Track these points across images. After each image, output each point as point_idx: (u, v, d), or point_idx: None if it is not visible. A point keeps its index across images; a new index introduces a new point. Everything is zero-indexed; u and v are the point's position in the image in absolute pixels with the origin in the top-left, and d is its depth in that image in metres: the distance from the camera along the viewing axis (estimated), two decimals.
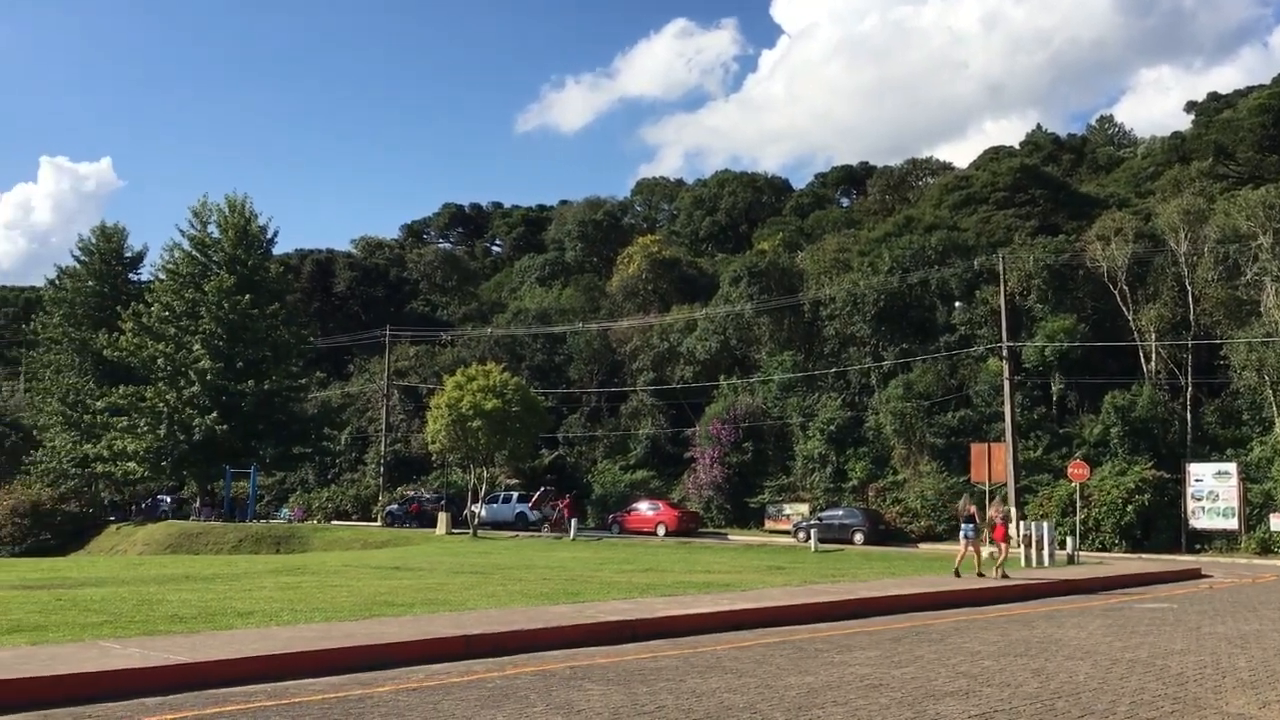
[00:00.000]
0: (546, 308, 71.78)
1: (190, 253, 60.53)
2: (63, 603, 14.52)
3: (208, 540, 48.45)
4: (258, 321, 57.69)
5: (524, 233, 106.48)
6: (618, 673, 10.11)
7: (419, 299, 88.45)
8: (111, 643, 10.54)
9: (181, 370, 56.35)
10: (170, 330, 57.82)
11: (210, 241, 60.43)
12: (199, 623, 12.49)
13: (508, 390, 46.89)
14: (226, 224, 60.17)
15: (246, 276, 58.76)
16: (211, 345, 56.63)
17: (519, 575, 21.57)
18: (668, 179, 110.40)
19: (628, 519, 49.93)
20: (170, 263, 60.93)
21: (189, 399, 55.77)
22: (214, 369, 55.89)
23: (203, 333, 56.85)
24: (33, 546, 52.41)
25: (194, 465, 57.74)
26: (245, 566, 24.63)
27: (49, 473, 61.27)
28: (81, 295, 67.42)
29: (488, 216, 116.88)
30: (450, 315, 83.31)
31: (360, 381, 72.02)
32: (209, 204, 60.99)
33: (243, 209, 60.76)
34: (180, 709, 8.15)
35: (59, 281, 70.63)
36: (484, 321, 74.62)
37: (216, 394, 55.95)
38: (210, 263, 59.84)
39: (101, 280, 68.30)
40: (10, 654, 9.74)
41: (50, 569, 24.06)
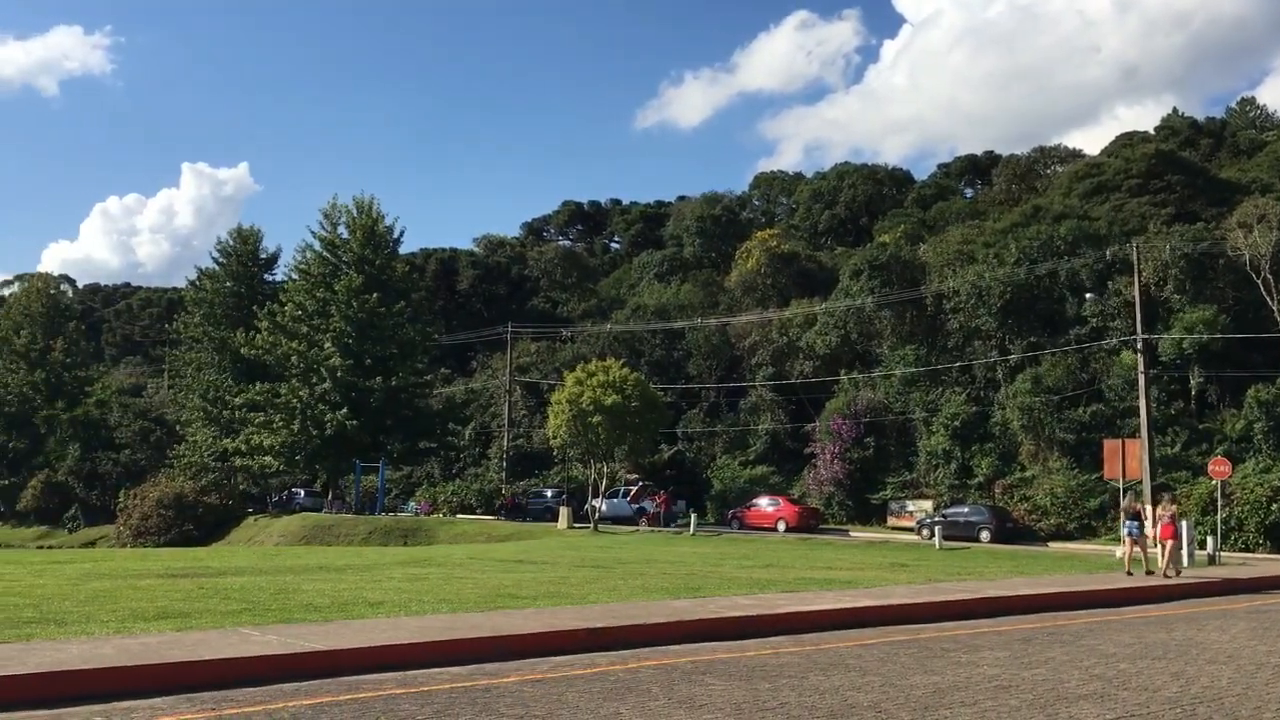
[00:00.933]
0: (665, 303, 71.94)
1: (321, 253, 62.40)
2: (205, 591, 15.13)
3: (339, 532, 49.94)
4: (385, 319, 59.17)
5: (642, 229, 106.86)
6: (739, 668, 10.09)
7: (539, 296, 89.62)
8: (251, 630, 10.95)
9: (313, 367, 58.16)
10: (303, 329, 59.72)
11: (340, 242, 62.19)
12: (332, 612, 12.88)
13: (627, 386, 47.14)
14: (355, 225, 61.85)
15: (374, 276, 60.31)
16: (341, 343, 58.30)
17: (639, 570, 21.69)
18: (786, 173, 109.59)
19: (747, 514, 49.74)
20: (302, 263, 62.97)
21: (321, 395, 57.55)
22: (344, 366, 57.56)
23: (333, 331, 58.56)
24: (176, 537, 54.68)
25: (326, 459, 59.56)
26: (375, 558, 25.32)
27: (191, 466, 63.90)
28: (220, 296, 70.13)
29: (606, 213, 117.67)
30: (570, 312, 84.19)
31: (483, 378, 73.30)
32: (338, 205, 62.85)
33: (370, 210, 62.37)
34: (316, 695, 8.42)
35: (199, 283, 73.63)
36: (603, 318, 75.18)
37: (346, 390, 57.61)
38: (340, 263, 61.58)
39: (238, 281, 70.95)
40: (158, 639, 10.20)
41: (193, 558, 25.11)
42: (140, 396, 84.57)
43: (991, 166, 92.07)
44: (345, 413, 56.41)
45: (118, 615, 11.97)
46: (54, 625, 11.00)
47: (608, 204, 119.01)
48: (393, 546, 41.47)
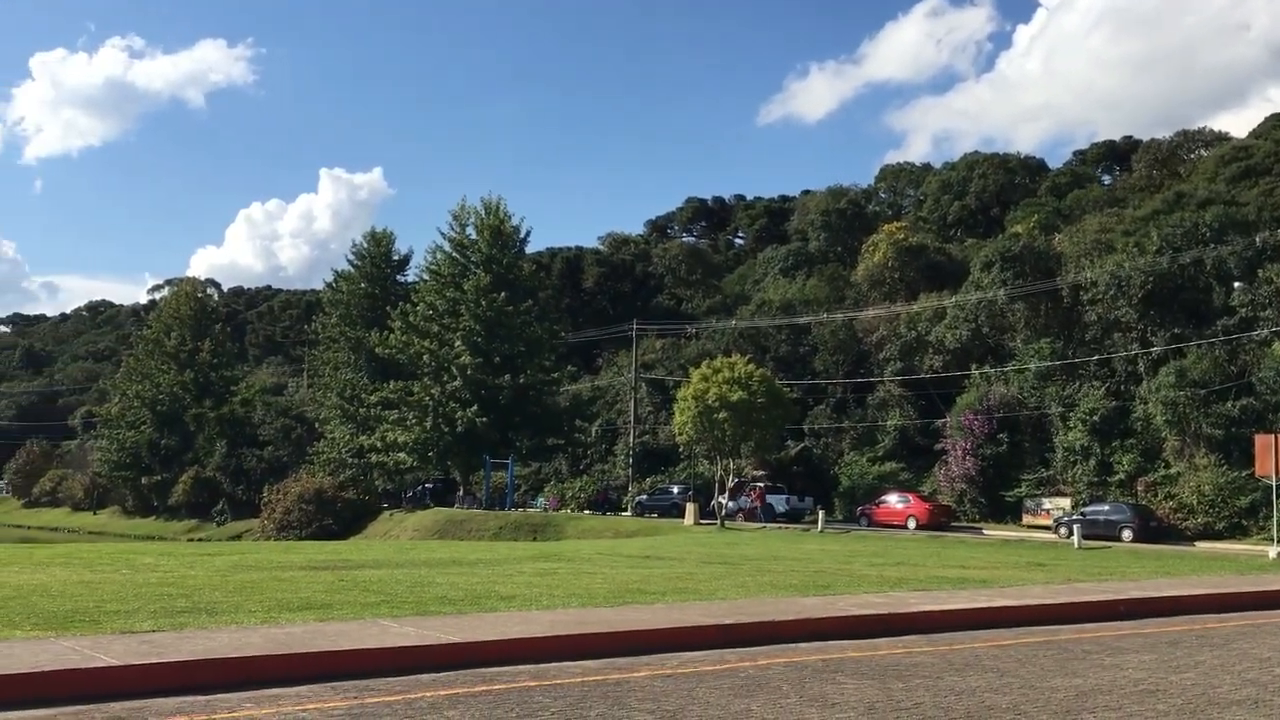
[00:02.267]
0: (790, 299, 71.37)
1: (450, 254, 63.78)
2: (345, 583, 15.60)
3: (470, 527, 50.98)
4: (513, 318, 60.14)
5: (766, 224, 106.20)
6: (871, 667, 9.95)
7: (664, 293, 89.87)
8: (389, 621, 11.25)
9: (444, 366, 59.47)
10: (434, 328, 61.14)
11: (468, 243, 63.45)
12: (466, 605, 13.14)
13: (753, 382, 46.93)
14: (483, 225, 63.02)
15: (502, 275, 61.35)
16: (471, 341, 59.48)
17: (767, 567, 21.57)
18: (913, 164, 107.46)
19: (876, 511, 49.00)
20: (433, 264, 64.47)
21: (452, 393, 58.82)
22: (473, 364, 58.71)
23: (463, 330, 59.79)
24: (317, 531, 56.55)
25: (457, 456, 60.85)
26: (505, 553, 25.76)
27: (330, 462, 66.03)
28: (355, 297, 72.28)
29: (730, 209, 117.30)
30: (695, 308, 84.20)
31: (609, 375, 73.87)
32: (467, 207, 64.15)
33: (497, 210, 63.47)
34: (452, 685, 8.61)
35: (335, 284, 76.02)
36: (728, 314, 74.99)
37: (476, 388, 58.74)
38: (469, 263, 62.82)
39: (372, 282, 73.01)
40: (302, 629, 10.56)
41: (333, 551, 25.93)
42: (282, 395, 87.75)
43: (1131, 152, 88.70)
44: (475, 410, 57.52)
45: (264, 605, 12.43)
46: (205, 615, 11.48)
47: (731, 200, 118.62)
48: (522, 541, 42.12)
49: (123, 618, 10.99)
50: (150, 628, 10.33)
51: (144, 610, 11.65)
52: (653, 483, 61.05)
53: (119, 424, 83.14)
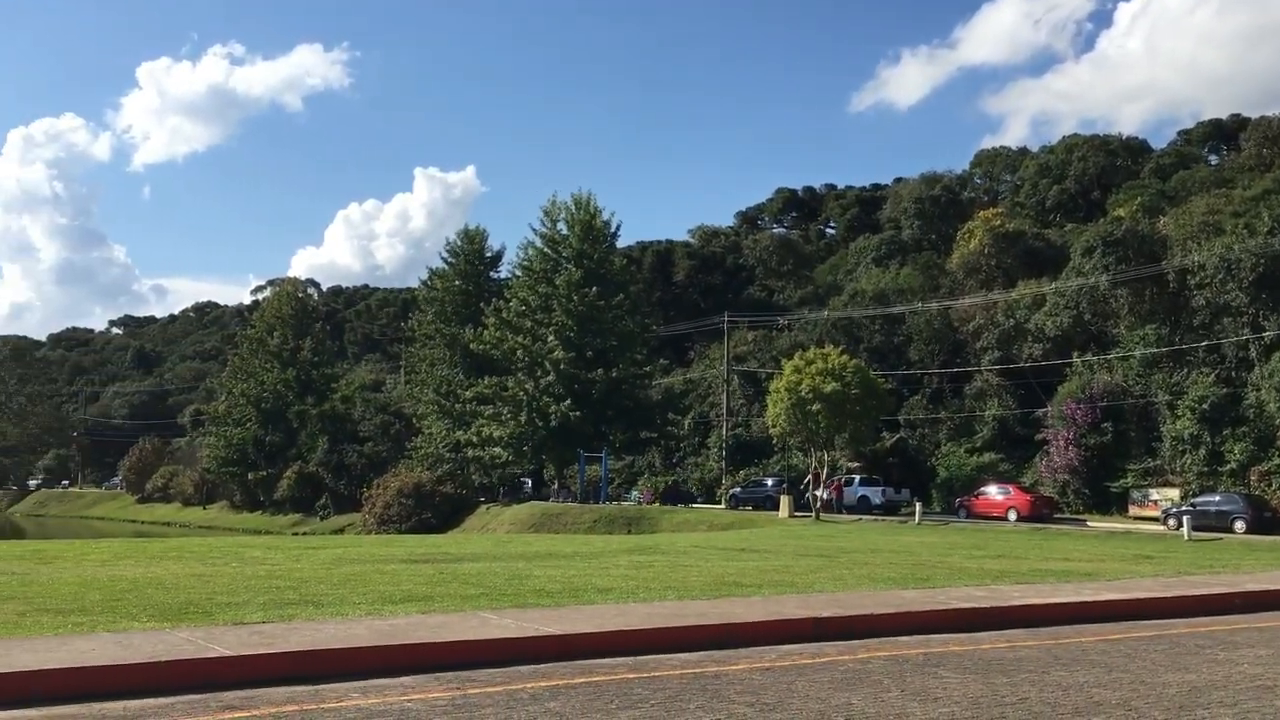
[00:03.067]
0: (884, 288, 70.47)
1: (542, 249, 64.29)
2: (445, 576, 15.85)
3: (566, 520, 51.39)
4: (604, 312, 60.41)
5: (858, 213, 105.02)
6: (974, 661, 9.78)
7: (755, 285, 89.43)
8: (489, 613, 11.40)
9: (538, 361, 60.01)
10: (527, 323, 61.73)
11: (560, 238, 63.88)
12: (563, 597, 13.25)
13: (846, 373, 46.45)
14: (574, 221, 63.38)
15: (593, 270, 61.64)
16: (563, 336, 59.92)
17: (864, 559, 21.34)
18: (1009, 148, 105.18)
19: (975, 503, 48.14)
20: (525, 260, 65.09)
21: (545, 388, 59.34)
22: (566, 359, 59.13)
23: (555, 325, 60.25)
24: (416, 524, 57.54)
25: (551, 450, 61.39)
26: (601, 546, 25.90)
27: (427, 457, 67.14)
28: (449, 294, 73.33)
29: (821, 199, 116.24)
30: (786, 299, 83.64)
31: (701, 367, 73.77)
32: (558, 202, 64.56)
33: (588, 206, 63.77)
34: (551, 676, 8.69)
35: (430, 282, 77.21)
36: (820, 305, 74.34)
37: (569, 382, 59.16)
38: (560, 258, 63.26)
39: (466, 279, 73.98)
40: (405, 621, 10.76)
41: (432, 545, 26.37)
42: (380, 392, 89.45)
43: (1239, 130, 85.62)
44: (569, 404, 57.94)
45: (368, 598, 12.69)
46: (312, 606, 11.76)
47: (822, 189, 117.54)
48: (617, 534, 42.33)
49: (234, 609, 11.32)
50: (260, 619, 10.62)
51: (254, 602, 11.98)
52: (746, 475, 60.83)
53: (226, 421, 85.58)
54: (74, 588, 13.06)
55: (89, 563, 17.12)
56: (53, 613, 10.77)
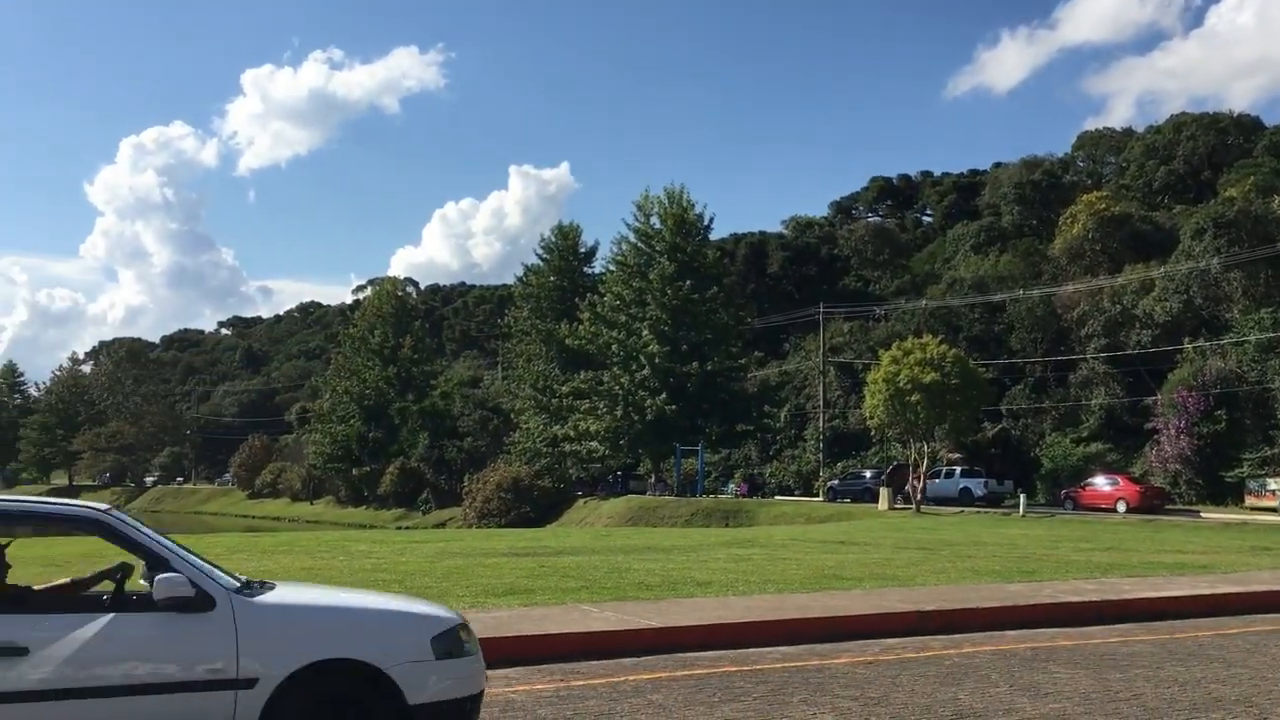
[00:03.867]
0: (983, 276, 69.07)
1: (635, 244, 64.45)
2: (545, 569, 16.01)
3: (663, 514, 51.49)
4: (698, 306, 60.34)
5: (955, 200, 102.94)
6: (1084, 656, 9.55)
7: (850, 275, 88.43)
8: (590, 606, 11.49)
9: (633, 355, 60.22)
10: (621, 318, 61.97)
11: (653, 232, 63.95)
12: (663, 590, 13.29)
13: (946, 363, 45.64)
14: (666, 214, 63.38)
15: (686, 263, 61.60)
16: (658, 330, 60.01)
17: (967, 552, 20.97)
18: (1114, 130, 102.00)
19: (1082, 494, 46.92)
20: (619, 255, 65.34)
21: (640, 382, 59.52)
22: (661, 353, 59.23)
23: (650, 319, 60.38)
24: (515, 518, 58.23)
25: (647, 443, 61.56)
26: (699, 539, 25.89)
27: (525, 452, 67.86)
28: (545, 290, 73.98)
29: (916, 187, 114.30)
30: (882, 289, 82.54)
31: (796, 360, 73.23)
32: (650, 197, 64.59)
33: (680, 199, 63.71)
34: (653, 669, 8.73)
35: (525, 278, 77.99)
36: (917, 294, 73.19)
37: (664, 376, 59.25)
38: (654, 252, 63.33)
39: (561, 275, 74.55)
40: (507, 614, 10.92)
41: (532, 538, 26.65)
42: (478, 388, 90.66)
43: None
44: (664, 398, 58.03)
45: (471, 590, 12.90)
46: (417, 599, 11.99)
47: (918, 177, 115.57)
48: (715, 528, 42.27)
49: None
50: None
51: None
52: (844, 467, 60.25)
53: (330, 418, 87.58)
54: None
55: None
56: None
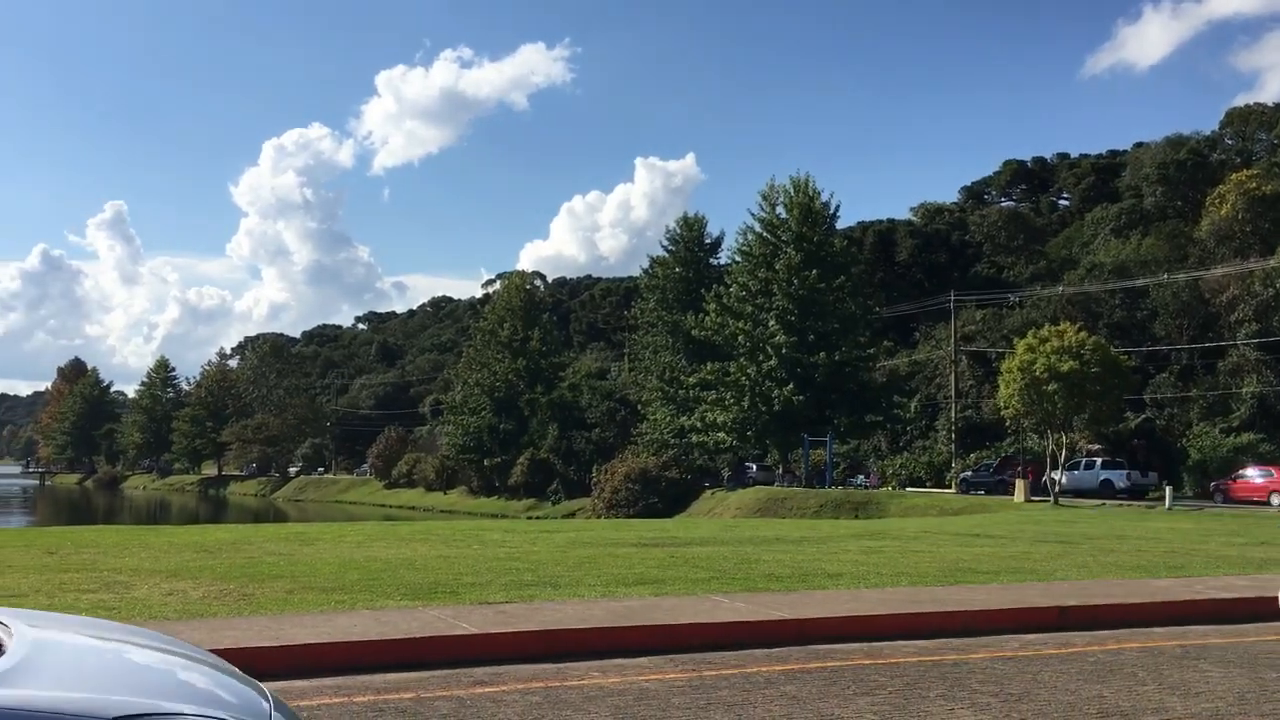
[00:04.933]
0: (1124, 260, 66.57)
1: (761, 234, 64.07)
2: (675, 559, 16.08)
3: (791, 505, 51.15)
4: (825, 295, 59.69)
5: (1093, 183, 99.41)
6: (1238, 655, 9.15)
7: (983, 262, 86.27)
8: (720, 597, 11.51)
9: (759, 345, 59.94)
10: (747, 308, 61.73)
11: (778, 222, 63.48)
12: (793, 582, 13.22)
13: (1085, 350, 44.16)
14: (792, 204, 62.84)
15: (813, 252, 60.97)
16: (785, 320, 59.60)
17: (1109, 546, 20.28)
18: (1265, 105, 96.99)
19: (1233, 487, 44.88)
20: (744, 245, 65.04)
21: (767, 372, 59.21)
22: (788, 343, 58.82)
23: (776, 309, 60.00)
24: (643, 509, 58.56)
25: (775, 434, 61.21)
26: (828, 530, 25.64)
27: (653, 443, 68.20)
28: (670, 281, 74.17)
29: (1052, 169, 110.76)
30: (1016, 276, 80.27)
31: (926, 349, 71.85)
32: (776, 186, 64.13)
33: (806, 188, 63.07)
34: (785, 661, 8.70)
35: (651, 270, 78.32)
36: (1053, 280, 70.95)
37: (791, 367, 58.83)
38: (779, 242, 62.85)
39: (686, 266, 74.63)
40: (639, 603, 11.01)
41: (660, 529, 26.77)
42: (605, 379, 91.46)
43: None
44: (791, 388, 57.63)
45: (602, 580, 13.04)
46: (550, 588, 12.19)
47: (1053, 159, 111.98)
48: (844, 519, 41.80)
49: (478, 589, 11.86)
50: (503, 599, 11.10)
51: (496, 583, 12.52)
52: (978, 458, 58.89)
53: (462, 410, 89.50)
54: (334, 567, 13.98)
55: (346, 544, 18.29)
56: (317, 590, 11.59)
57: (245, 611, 10.03)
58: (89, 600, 10.51)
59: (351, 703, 7.21)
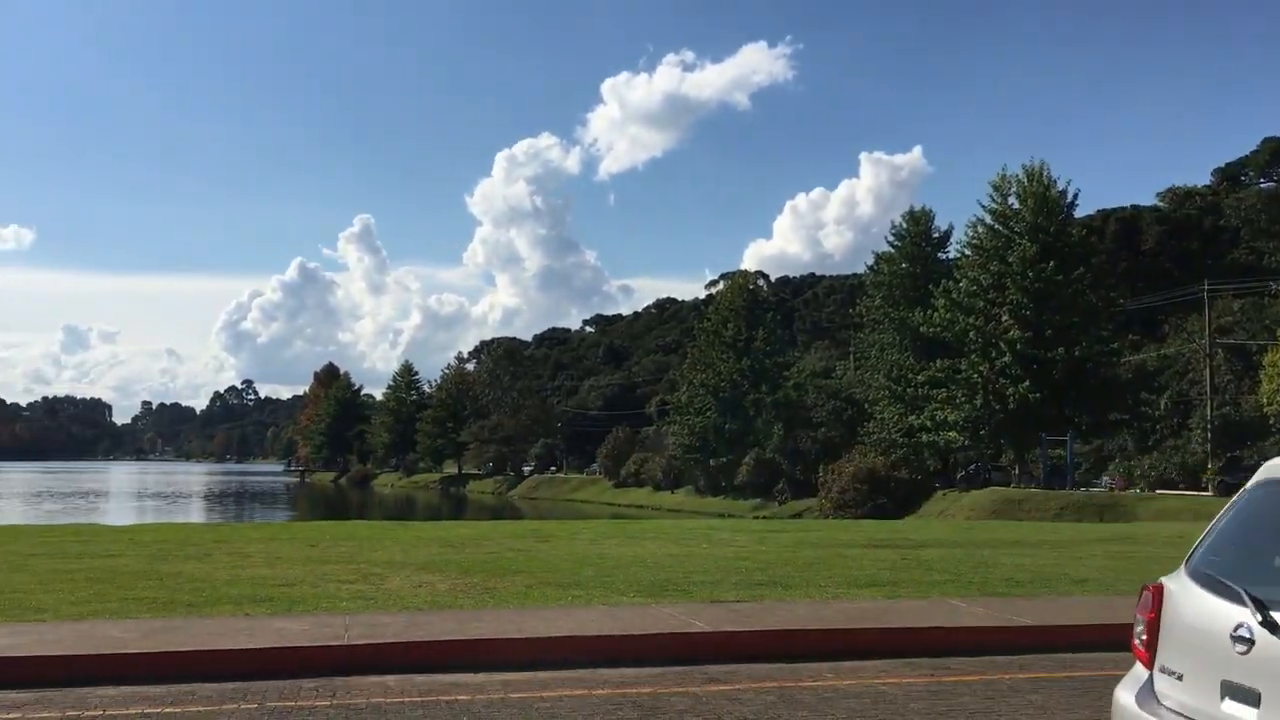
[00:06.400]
0: None
1: (992, 226, 61.80)
2: (907, 562, 15.73)
3: (1028, 507, 49.09)
4: (1063, 288, 56.99)
5: None
6: None
7: (1240, 248, 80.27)
8: (957, 601, 11.18)
9: (992, 341, 57.86)
10: (979, 303, 59.67)
11: (1011, 213, 61.06)
12: (1035, 587, 12.70)
13: None
14: (1026, 193, 60.32)
15: (1049, 243, 58.35)
16: (1019, 315, 57.30)
17: None
18: None
19: None
20: (974, 238, 62.89)
21: (1001, 369, 57.09)
22: (1023, 338, 56.53)
23: (1010, 303, 57.76)
24: (871, 510, 57.48)
25: (1010, 433, 58.96)
26: (1070, 534, 24.47)
27: (881, 443, 66.87)
28: (896, 277, 72.53)
29: None
30: (1278, 262, 74.28)
31: (1177, 342, 67.48)
32: (1007, 176, 61.68)
33: (1040, 177, 60.42)
34: (1029, 669, 8.38)
35: (877, 266, 76.83)
36: None
37: (1027, 363, 56.51)
38: (1012, 234, 60.44)
39: (913, 262, 72.80)
40: (871, 605, 10.84)
41: (891, 530, 26.24)
42: (830, 378, 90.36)
43: None
44: (1027, 385, 55.36)
45: (833, 581, 12.91)
46: (780, 588, 12.16)
47: None
48: (1086, 522, 39.74)
49: (709, 588, 11.97)
50: (734, 598, 11.16)
51: (726, 582, 12.60)
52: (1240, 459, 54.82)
53: (687, 410, 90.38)
54: (569, 564, 14.42)
55: (579, 541, 18.82)
56: (554, 586, 11.98)
57: (489, 604, 10.49)
58: (349, 591, 11.25)
59: (591, 695, 7.42)
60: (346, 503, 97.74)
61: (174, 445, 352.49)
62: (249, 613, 9.71)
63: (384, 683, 7.69)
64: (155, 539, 17.94)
